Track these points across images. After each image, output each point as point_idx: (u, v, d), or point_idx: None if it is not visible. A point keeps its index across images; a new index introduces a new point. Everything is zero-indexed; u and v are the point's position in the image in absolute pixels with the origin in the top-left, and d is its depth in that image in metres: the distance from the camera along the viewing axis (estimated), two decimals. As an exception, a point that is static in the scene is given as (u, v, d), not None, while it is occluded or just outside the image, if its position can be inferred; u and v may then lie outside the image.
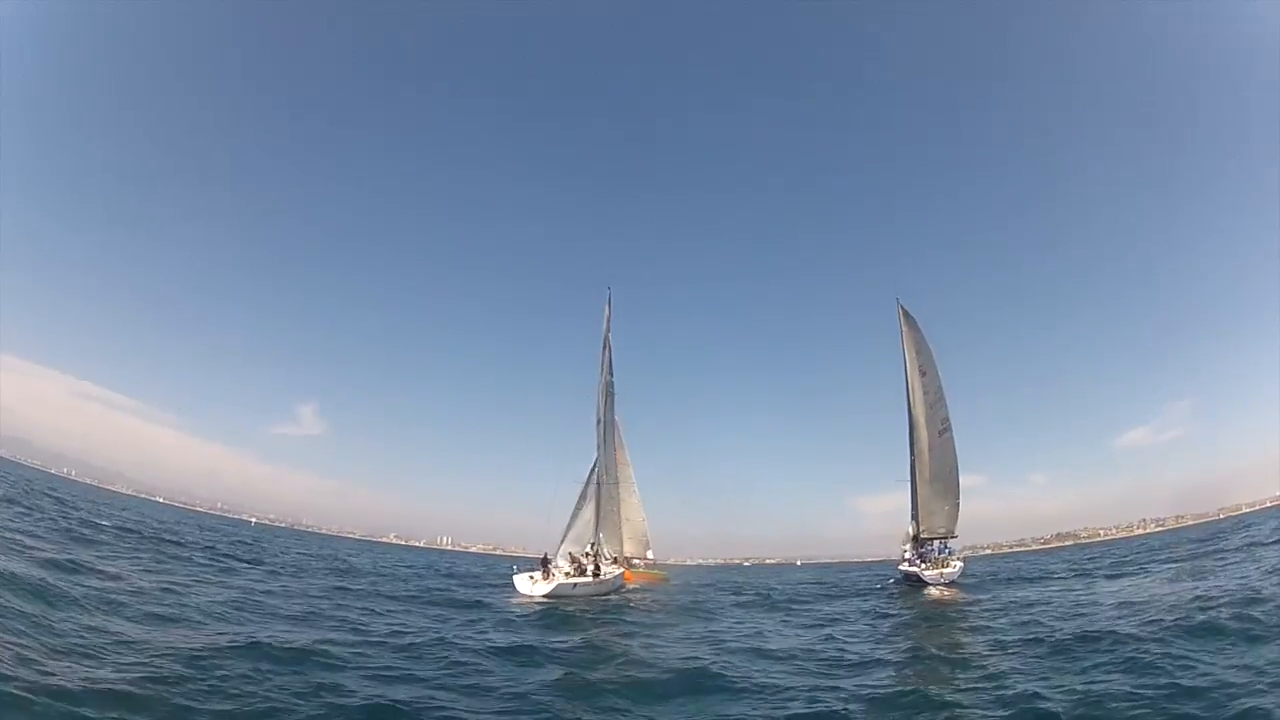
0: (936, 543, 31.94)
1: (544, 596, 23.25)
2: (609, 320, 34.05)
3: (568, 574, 26.04)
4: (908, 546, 32.90)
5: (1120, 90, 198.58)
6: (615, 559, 31.76)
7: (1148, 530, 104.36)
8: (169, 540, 27.69)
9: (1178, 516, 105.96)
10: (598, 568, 27.79)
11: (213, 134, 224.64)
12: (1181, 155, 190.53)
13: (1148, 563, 27.56)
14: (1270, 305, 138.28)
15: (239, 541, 39.02)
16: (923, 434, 32.96)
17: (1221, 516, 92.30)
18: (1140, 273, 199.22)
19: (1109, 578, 23.11)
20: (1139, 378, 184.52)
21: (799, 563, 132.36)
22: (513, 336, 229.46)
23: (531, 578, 24.79)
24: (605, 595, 25.99)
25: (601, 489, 30.78)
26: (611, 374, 33.30)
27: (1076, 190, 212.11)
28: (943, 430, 32.49)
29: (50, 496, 36.92)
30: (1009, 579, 29.74)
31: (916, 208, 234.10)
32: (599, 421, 32.01)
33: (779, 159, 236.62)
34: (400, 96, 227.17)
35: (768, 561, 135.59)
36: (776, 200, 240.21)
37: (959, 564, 30.12)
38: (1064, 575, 27.30)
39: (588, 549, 29.46)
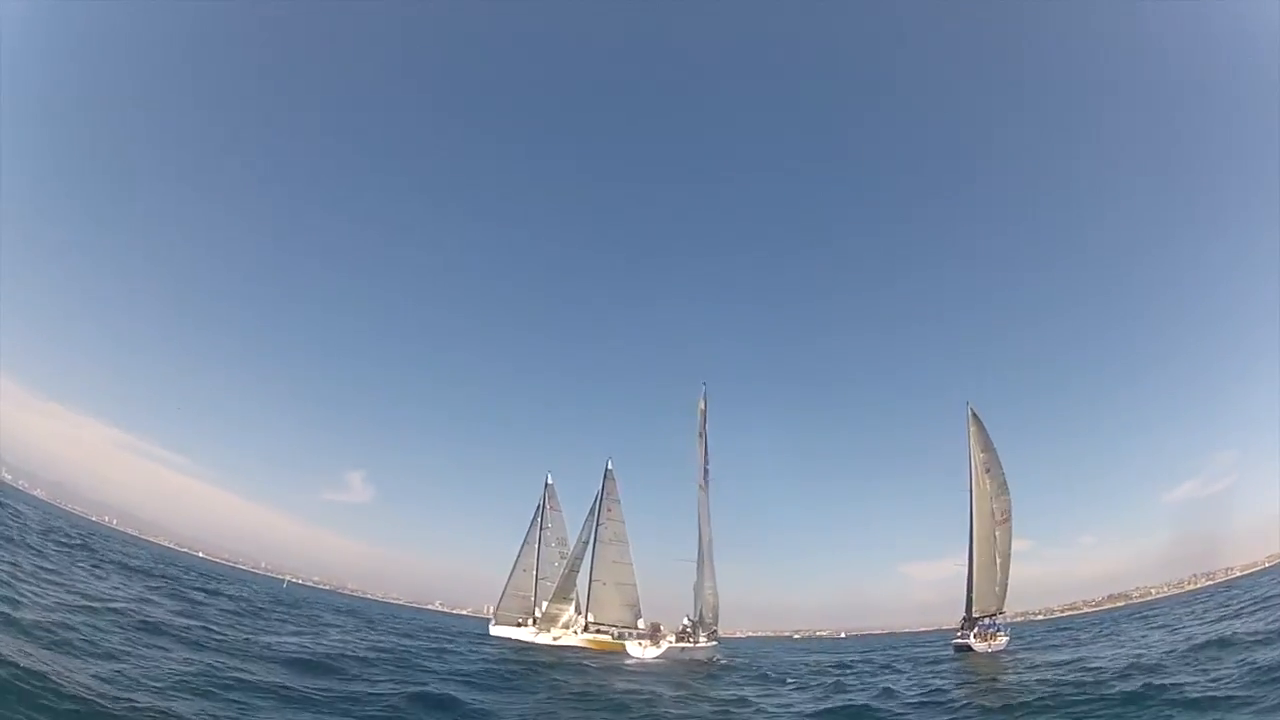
0: (985, 619, 37.78)
1: (654, 659, 29.38)
2: (704, 414, 37.18)
3: (672, 643, 32.39)
4: (961, 626, 38.63)
5: (1161, 145, 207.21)
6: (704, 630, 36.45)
7: (1198, 585, 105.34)
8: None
9: (1226, 569, 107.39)
10: (684, 636, 34.05)
11: (277, 200, 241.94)
12: (1222, 208, 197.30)
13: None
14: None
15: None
16: (983, 523, 37.75)
17: (1268, 564, 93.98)
18: (1176, 324, 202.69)
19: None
20: (1184, 431, 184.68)
21: (843, 634, 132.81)
22: (568, 409, 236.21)
23: (641, 643, 31.54)
24: (703, 661, 30.87)
25: (703, 565, 36.09)
26: (709, 463, 37.02)
27: (1117, 242, 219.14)
28: (1002, 520, 37.58)
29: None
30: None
31: (968, 276, 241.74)
32: (698, 504, 36.70)
33: (846, 210, 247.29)
34: (473, 161, 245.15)
35: (819, 633, 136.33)
36: (830, 257, 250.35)
37: (1005, 639, 36.04)
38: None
39: (685, 622, 35.33)
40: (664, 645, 31.61)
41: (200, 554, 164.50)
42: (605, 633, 35.42)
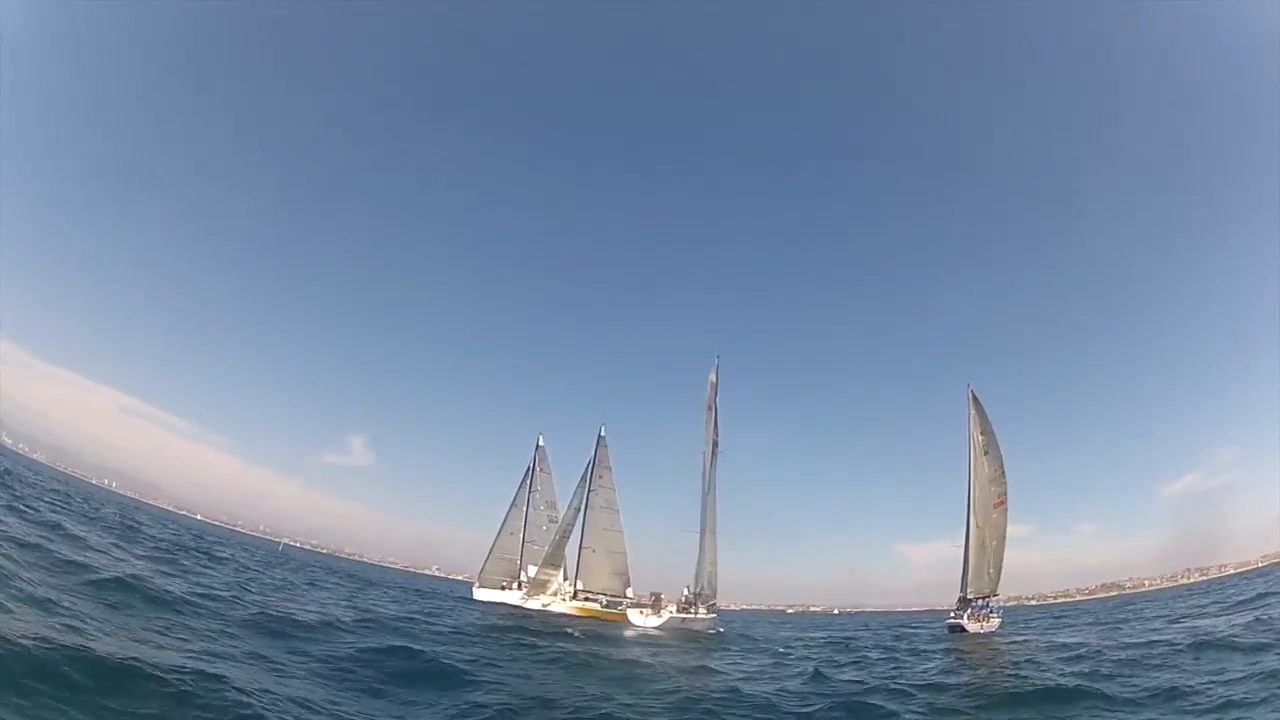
0: (979, 601, 37.94)
1: (655, 629, 29.33)
2: (715, 387, 37.00)
3: (673, 613, 32.61)
4: (955, 607, 38.82)
5: (1163, 143, 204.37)
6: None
7: (1191, 580, 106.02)
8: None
9: (1220, 565, 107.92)
10: (685, 607, 34.29)
11: (282, 171, 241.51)
12: (1225, 204, 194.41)
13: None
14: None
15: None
16: (981, 507, 37.90)
17: (1262, 564, 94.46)
18: (1180, 319, 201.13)
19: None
20: (1185, 425, 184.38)
21: (836, 611, 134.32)
22: (568, 384, 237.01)
23: (642, 612, 31.58)
24: (702, 632, 30.99)
25: (704, 537, 36.10)
26: (718, 435, 36.67)
27: (1122, 237, 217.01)
28: (998, 503, 37.63)
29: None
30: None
31: (972, 268, 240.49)
32: (704, 476, 36.69)
33: (841, 183, 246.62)
34: (480, 146, 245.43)
35: (812, 609, 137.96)
36: (836, 245, 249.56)
37: (998, 621, 36.23)
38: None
39: (685, 592, 35.57)
40: (665, 615, 31.93)
41: (199, 517, 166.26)
42: (593, 600, 35.31)
